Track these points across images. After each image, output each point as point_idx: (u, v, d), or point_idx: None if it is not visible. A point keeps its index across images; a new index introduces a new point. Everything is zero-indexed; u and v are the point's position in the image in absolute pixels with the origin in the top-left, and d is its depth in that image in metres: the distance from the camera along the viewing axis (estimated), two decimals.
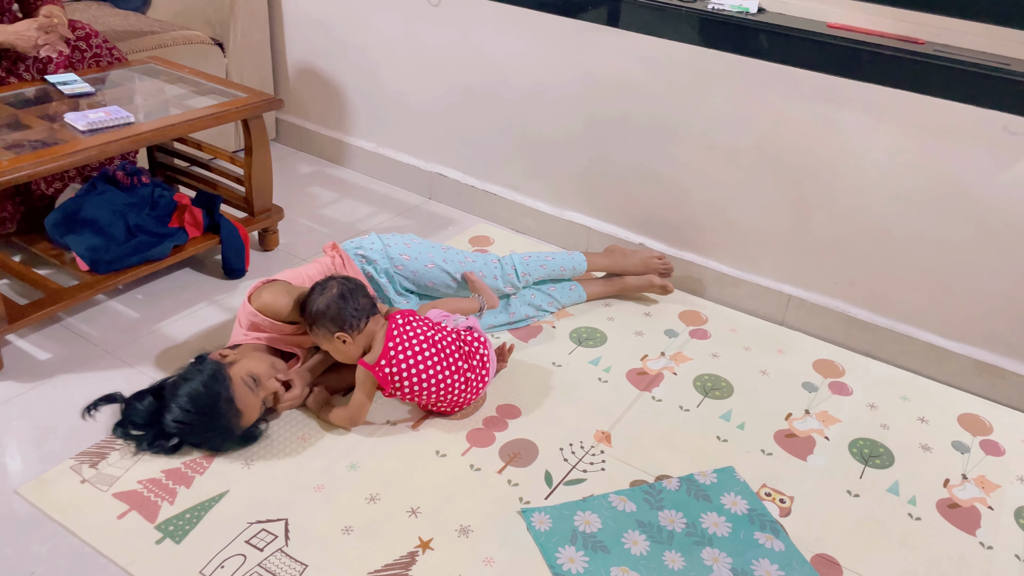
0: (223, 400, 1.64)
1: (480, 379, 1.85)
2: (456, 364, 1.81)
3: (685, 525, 1.64)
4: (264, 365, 1.75)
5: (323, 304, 1.74)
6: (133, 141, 2.05)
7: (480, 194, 2.82)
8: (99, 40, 2.43)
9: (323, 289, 1.77)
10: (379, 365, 1.75)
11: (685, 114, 2.30)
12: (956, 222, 2.03)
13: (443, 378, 1.79)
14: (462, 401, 1.85)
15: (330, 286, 1.77)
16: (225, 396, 1.64)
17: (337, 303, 1.74)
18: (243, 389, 1.67)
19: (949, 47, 1.95)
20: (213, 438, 1.69)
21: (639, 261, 2.36)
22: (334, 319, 1.74)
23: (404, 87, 2.85)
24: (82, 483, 1.63)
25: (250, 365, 1.72)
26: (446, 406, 1.85)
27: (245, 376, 1.69)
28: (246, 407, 1.68)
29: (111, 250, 2.14)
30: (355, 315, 1.75)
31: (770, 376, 2.12)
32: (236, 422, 1.67)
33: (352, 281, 1.80)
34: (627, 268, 2.36)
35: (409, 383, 1.77)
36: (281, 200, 2.73)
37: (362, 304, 1.76)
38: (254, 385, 1.69)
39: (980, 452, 1.92)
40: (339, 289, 1.76)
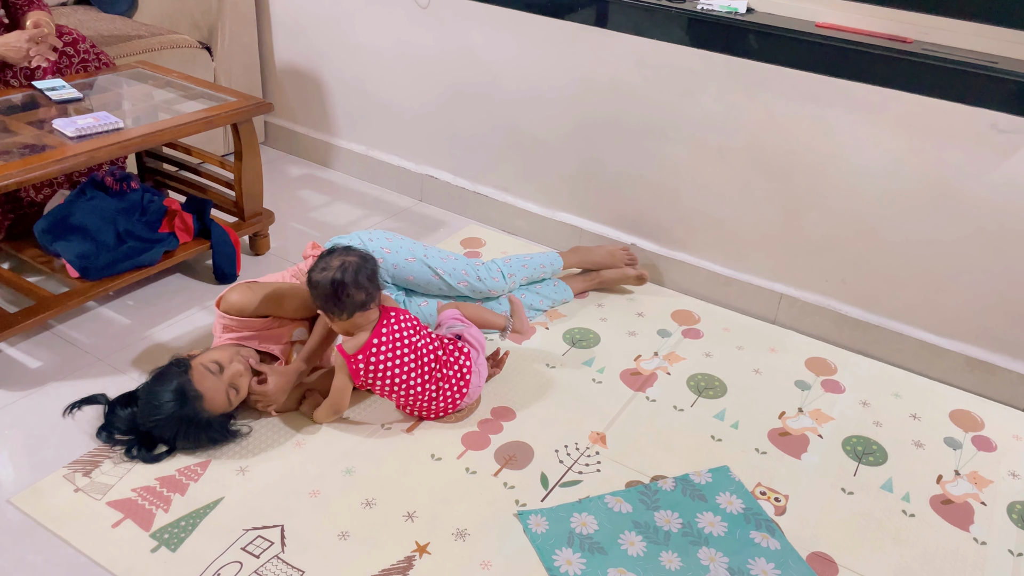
0: (182, 385, 1.66)
1: (457, 390, 1.83)
2: (430, 373, 1.80)
3: (681, 525, 1.64)
4: (227, 353, 1.76)
5: (313, 279, 1.71)
6: (122, 147, 2.04)
7: (471, 196, 2.81)
8: (86, 45, 2.41)
9: (325, 264, 1.71)
10: (355, 358, 1.73)
11: (675, 114, 2.31)
12: (946, 220, 2.04)
13: (414, 385, 1.78)
14: (433, 409, 1.84)
15: (332, 266, 1.69)
16: (184, 381, 1.67)
17: (325, 287, 1.69)
18: (201, 372, 1.69)
19: (937, 46, 1.96)
20: (184, 429, 1.68)
21: (605, 253, 2.41)
22: (320, 297, 1.71)
23: (394, 89, 2.85)
24: (76, 492, 1.62)
25: (212, 354, 1.75)
26: (415, 411, 1.85)
27: (206, 362, 1.72)
28: (207, 390, 1.69)
29: (101, 256, 2.12)
30: (339, 306, 1.69)
31: (763, 375, 2.13)
32: (199, 405, 1.67)
33: (360, 270, 1.70)
34: (595, 262, 2.40)
35: (381, 383, 1.77)
36: (271, 204, 2.72)
37: (353, 298, 1.69)
38: (216, 369, 1.71)
39: (972, 448, 1.93)
40: (333, 276, 1.68)
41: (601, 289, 2.44)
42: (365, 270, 1.71)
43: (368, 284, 1.71)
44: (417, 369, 1.78)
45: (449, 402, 1.84)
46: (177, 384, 1.67)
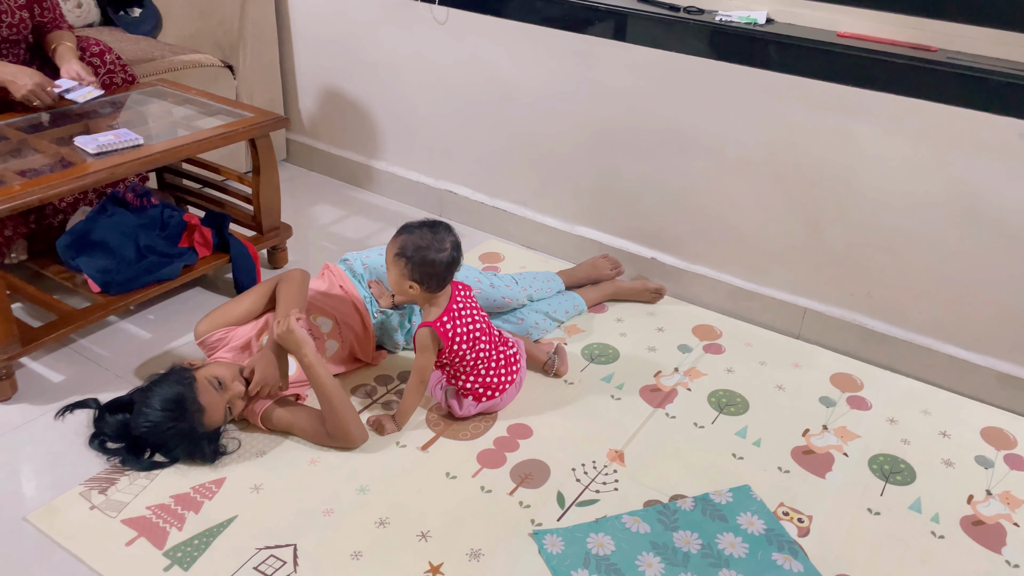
0: (187, 398, 1.68)
1: (515, 361, 1.92)
2: (494, 341, 1.89)
3: (701, 546, 1.60)
4: (229, 371, 1.78)
5: (431, 257, 1.75)
6: (142, 163, 2.05)
7: (490, 210, 2.80)
8: (112, 56, 2.44)
9: (440, 244, 1.76)
10: (440, 320, 1.80)
11: (695, 127, 2.28)
12: (974, 231, 1.99)
13: (485, 349, 1.86)
14: (498, 381, 1.89)
15: (446, 246, 1.76)
16: (189, 394, 1.69)
17: (441, 266, 1.76)
18: (206, 387, 1.72)
19: (962, 54, 1.92)
20: (179, 439, 1.70)
21: (587, 267, 2.44)
22: (426, 274, 1.76)
23: (413, 105, 2.85)
24: (91, 510, 1.62)
25: (214, 370, 1.78)
26: (482, 380, 1.87)
27: (210, 377, 1.74)
28: (209, 404, 1.71)
29: (122, 271, 2.14)
30: (440, 283, 1.79)
31: (786, 391, 2.08)
32: (200, 418, 1.70)
33: (459, 252, 1.80)
34: (580, 278, 2.41)
35: (459, 346, 1.82)
36: (290, 218, 2.73)
37: (450, 278, 1.81)
38: (218, 386, 1.73)
39: (1004, 467, 1.87)
40: (450, 256, 1.77)
41: (618, 300, 2.42)
42: (458, 251, 1.81)
43: (458, 265, 1.81)
44: (486, 335, 1.87)
45: (513, 373, 1.91)
46: (180, 394, 1.69)
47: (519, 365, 1.94)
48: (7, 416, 1.88)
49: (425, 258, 1.74)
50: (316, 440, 1.81)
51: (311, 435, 1.81)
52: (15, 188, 1.84)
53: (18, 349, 1.91)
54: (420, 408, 1.94)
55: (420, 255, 1.75)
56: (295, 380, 1.91)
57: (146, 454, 1.74)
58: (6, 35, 2.22)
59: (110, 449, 1.76)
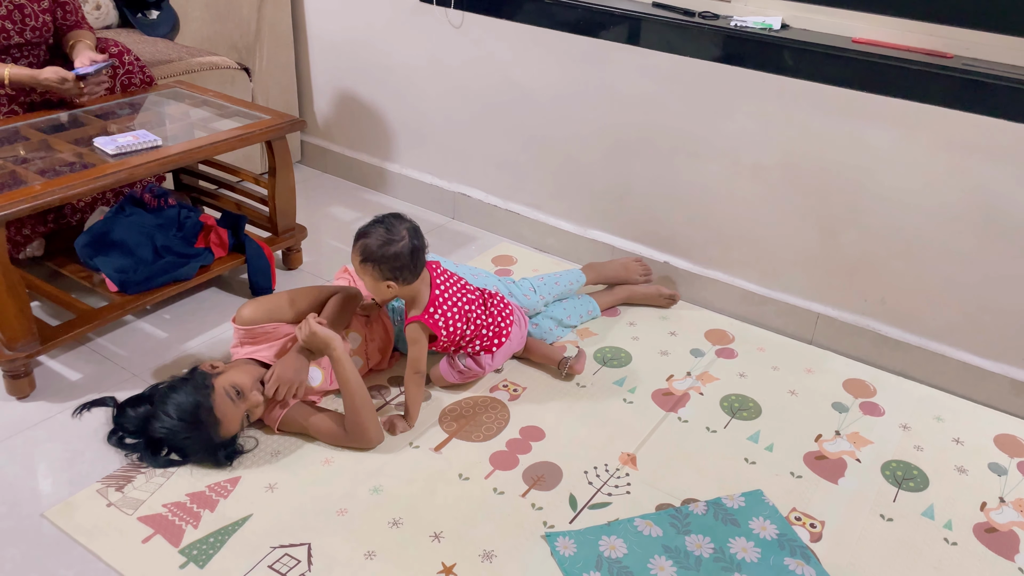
0: (203, 408, 1.69)
1: (508, 315, 2.00)
2: (483, 303, 1.98)
3: (713, 550, 1.61)
4: (249, 378, 1.78)
5: (391, 251, 1.76)
6: (160, 164, 2.07)
7: (503, 213, 2.81)
8: (131, 58, 2.47)
9: (396, 235, 1.77)
10: (428, 313, 1.83)
11: (709, 131, 2.28)
12: (989, 238, 1.99)
13: (480, 313, 1.94)
14: (498, 329, 1.97)
15: (402, 235, 1.77)
16: (205, 405, 1.69)
17: (405, 257, 1.77)
18: (223, 399, 1.71)
19: (979, 61, 1.91)
20: (195, 446, 1.72)
21: (618, 267, 2.42)
22: (395, 268, 1.78)
23: (427, 108, 2.86)
24: (108, 507, 1.64)
25: (235, 377, 1.76)
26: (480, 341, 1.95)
27: (228, 387, 1.73)
28: (225, 416, 1.71)
29: (139, 271, 2.16)
30: (412, 272, 1.80)
31: (799, 396, 2.08)
32: (215, 430, 1.70)
33: (419, 237, 1.81)
34: (608, 277, 2.40)
35: (455, 326, 1.87)
36: (305, 220, 2.75)
37: (420, 263, 1.81)
38: (236, 396, 1.73)
39: (1018, 474, 1.87)
40: (410, 244, 1.78)
41: (631, 304, 2.42)
42: (419, 238, 1.82)
43: (424, 250, 1.82)
44: (475, 303, 1.94)
45: (509, 315, 2.00)
46: (197, 404, 1.69)
47: (511, 307, 2.03)
48: (25, 413, 1.90)
49: (386, 254, 1.76)
50: (332, 440, 1.82)
51: (327, 435, 1.82)
52: (36, 188, 1.86)
53: (37, 347, 1.93)
54: (433, 409, 1.96)
55: (381, 252, 1.76)
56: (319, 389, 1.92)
57: (163, 452, 1.76)
58: (29, 38, 2.25)
59: (128, 445, 1.77)
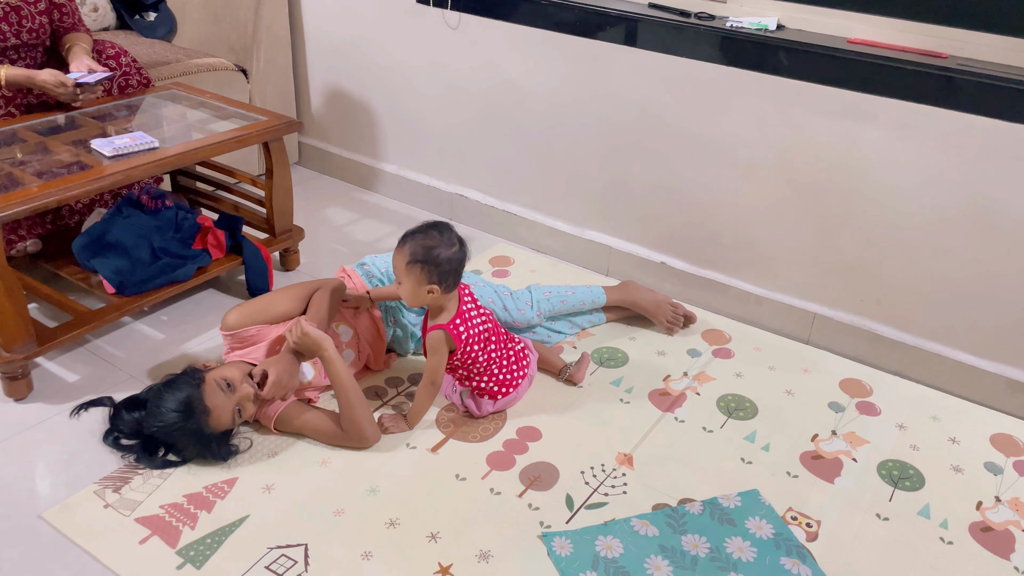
0: (194, 398, 1.69)
1: (522, 366, 1.95)
2: (502, 339, 1.94)
3: (709, 550, 1.61)
4: (239, 373, 1.78)
5: (445, 255, 1.73)
6: (157, 166, 2.08)
7: (501, 214, 2.82)
8: (128, 59, 2.47)
9: (450, 241, 1.76)
10: (453, 323, 1.81)
11: (705, 132, 2.29)
12: (984, 237, 1.99)
13: (498, 347, 1.90)
14: (511, 377, 1.92)
15: (455, 242, 1.76)
16: (196, 395, 1.70)
17: (456, 263, 1.75)
18: (214, 389, 1.72)
19: (973, 61, 1.92)
20: (188, 439, 1.72)
21: (652, 302, 2.30)
22: (443, 273, 1.74)
23: (424, 109, 2.87)
24: (105, 508, 1.64)
25: (225, 371, 1.78)
26: (495, 378, 1.91)
27: (218, 379, 1.74)
28: (216, 406, 1.71)
29: (137, 272, 2.16)
30: (455, 281, 1.79)
31: (795, 396, 2.08)
32: (205, 420, 1.70)
33: (466, 245, 1.80)
34: (638, 305, 2.30)
35: (473, 342, 1.84)
36: (303, 221, 2.75)
37: (461, 275, 1.80)
38: (226, 388, 1.73)
39: (1014, 473, 1.87)
40: (461, 252, 1.76)
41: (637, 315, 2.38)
42: (465, 249, 1.80)
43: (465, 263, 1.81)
44: (495, 334, 1.91)
45: (524, 368, 1.95)
46: (188, 395, 1.70)
47: (529, 359, 1.98)
48: (23, 415, 1.91)
49: (439, 257, 1.72)
50: (329, 440, 1.83)
51: (324, 435, 1.82)
52: (33, 190, 1.87)
53: (34, 349, 1.93)
54: (431, 410, 1.96)
55: (434, 256, 1.72)
56: (311, 385, 1.92)
57: (160, 452, 1.76)
58: (26, 40, 2.26)
59: (124, 446, 1.78)
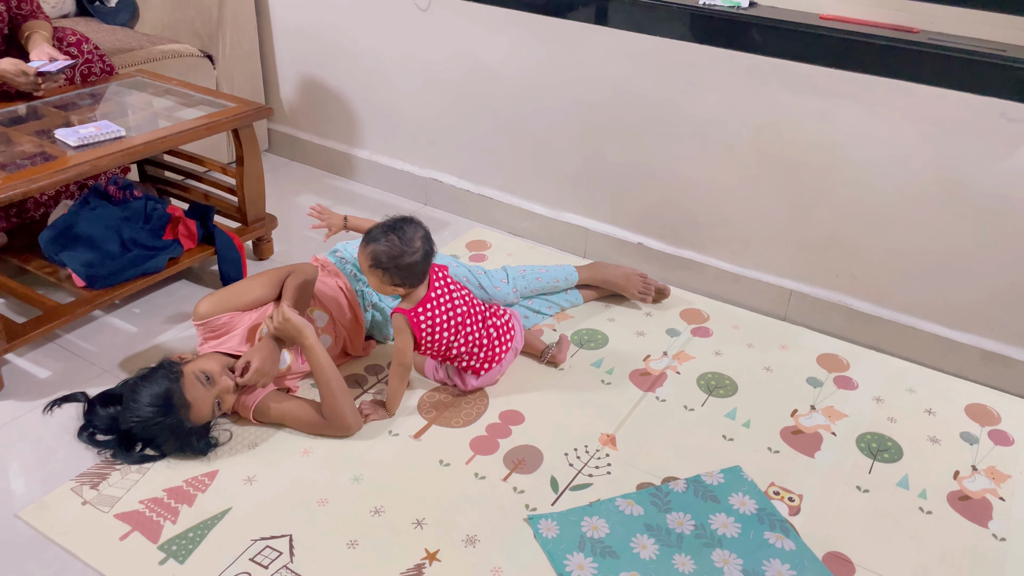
0: (173, 393, 1.66)
1: (506, 339, 1.93)
2: (481, 317, 1.91)
3: (694, 527, 1.62)
4: (217, 365, 1.76)
5: (405, 263, 1.73)
6: (125, 155, 2.03)
7: (475, 198, 2.80)
8: (90, 47, 2.41)
9: (411, 245, 1.73)
10: (415, 311, 1.79)
11: (679, 111, 2.29)
12: (957, 211, 2.02)
13: (475, 328, 1.88)
14: (493, 354, 1.91)
15: (416, 247, 1.74)
16: (175, 388, 1.67)
17: (419, 267, 1.75)
18: (193, 382, 1.69)
19: (944, 35, 1.93)
20: (167, 434, 1.69)
21: (621, 275, 2.32)
22: (405, 277, 1.75)
23: (395, 93, 2.83)
24: (83, 505, 1.61)
25: (203, 364, 1.75)
26: (468, 362, 1.91)
27: (197, 372, 1.71)
28: (196, 400, 1.69)
29: (107, 265, 2.12)
30: (421, 278, 1.79)
31: (774, 372, 2.10)
32: (185, 414, 1.68)
33: (431, 243, 1.78)
34: (608, 281, 2.32)
35: (440, 332, 1.82)
36: (275, 209, 2.71)
37: (428, 267, 1.80)
38: (205, 380, 1.71)
39: (989, 442, 1.90)
40: (423, 252, 1.75)
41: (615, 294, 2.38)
42: (430, 243, 1.79)
43: (432, 255, 1.80)
44: (471, 316, 1.88)
45: (508, 341, 1.94)
46: (167, 389, 1.67)
47: (514, 332, 1.97)
48: None
49: (400, 264, 1.73)
50: (310, 429, 1.81)
51: (305, 424, 1.81)
52: None
53: (3, 345, 1.89)
54: (412, 395, 1.95)
55: (395, 263, 1.72)
56: (288, 373, 1.90)
57: (137, 447, 1.73)
58: None
59: (100, 441, 1.75)
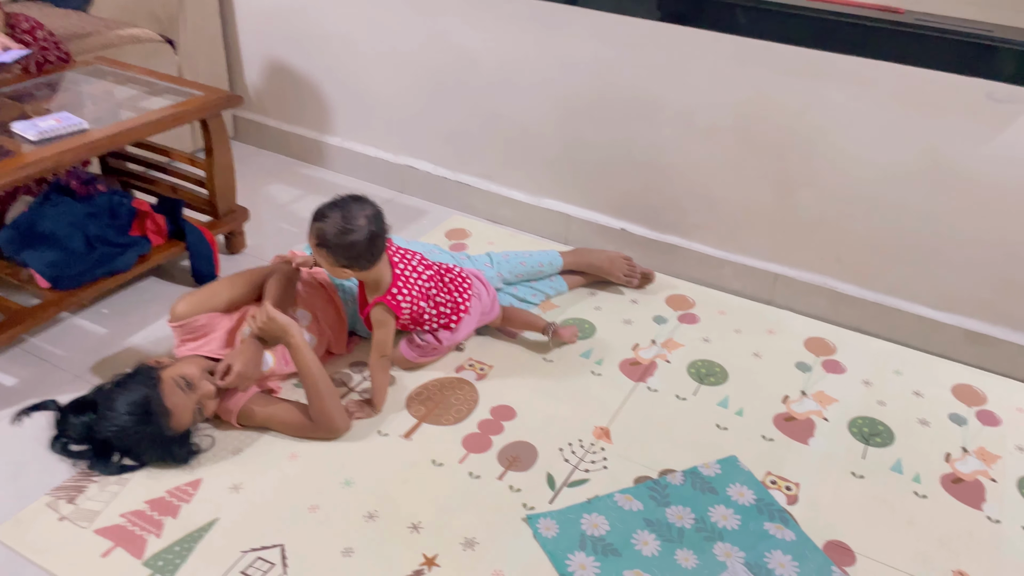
0: (152, 400, 1.59)
1: (466, 288, 1.96)
2: (443, 279, 1.94)
3: (694, 520, 1.60)
4: (198, 369, 1.69)
5: (347, 241, 1.68)
6: (89, 148, 1.94)
7: (453, 185, 2.73)
8: (44, 33, 2.29)
9: (353, 223, 1.69)
10: (390, 294, 1.79)
11: (661, 94, 2.24)
12: (942, 192, 2.01)
13: (440, 291, 1.92)
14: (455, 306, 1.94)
15: (359, 225, 1.69)
16: (153, 396, 1.60)
17: (361, 246, 1.70)
18: (172, 387, 1.62)
19: (930, 15, 1.91)
20: (147, 443, 1.62)
21: (605, 259, 2.30)
22: (350, 257, 1.71)
23: (368, 77, 2.75)
24: (60, 520, 1.54)
25: (182, 368, 1.68)
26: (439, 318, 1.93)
27: (176, 377, 1.64)
28: (175, 407, 1.62)
29: (72, 264, 2.03)
30: (369, 260, 1.73)
31: (763, 358, 2.09)
32: (166, 422, 1.60)
33: (379, 223, 1.73)
34: (593, 265, 2.30)
35: (417, 306, 1.84)
36: (245, 201, 2.61)
37: (379, 250, 1.74)
38: (185, 386, 1.64)
39: (977, 423, 1.91)
40: (367, 232, 1.69)
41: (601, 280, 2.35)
42: (382, 214, 1.75)
43: (384, 235, 1.75)
44: (433, 280, 1.90)
45: (466, 290, 1.96)
46: (144, 396, 1.59)
47: (469, 280, 1.98)
48: None
49: (342, 243, 1.68)
50: (296, 432, 1.75)
51: (291, 426, 1.74)
52: None
53: None
54: (398, 393, 1.90)
55: (338, 241, 1.68)
56: (271, 374, 1.83)
57: (114, 457, 1.66)
58: None
59: (75, 452, 1.67)
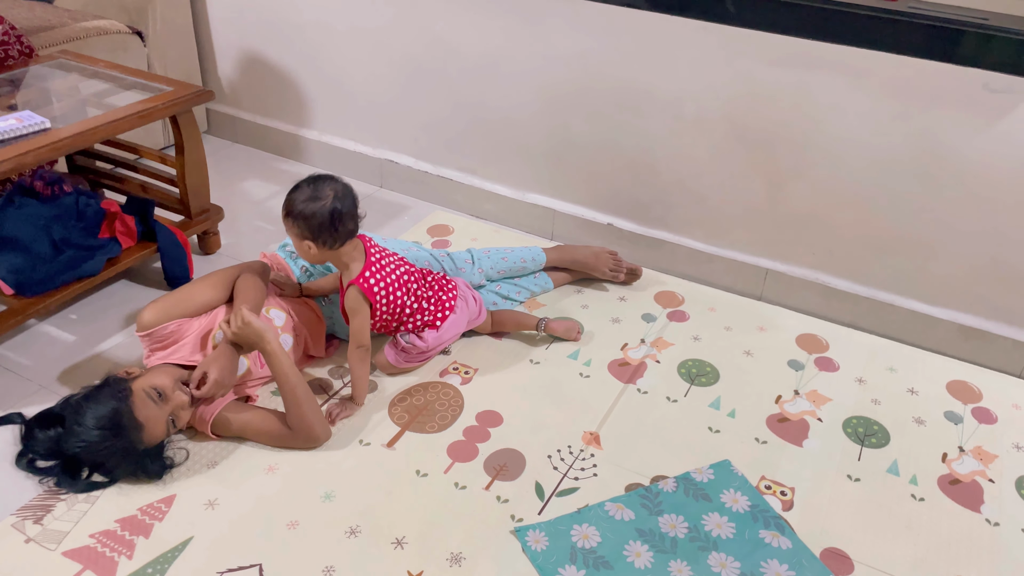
0: (122, 413, 1.52)
1: (449, 288, 1.92)
2: (423, 278, 1.91)
3: (687, 529, 1.55)
4: (169, 379, 1.61)
5: (310, 209, 1.66)
6: (52, 149, 1.85)
7: (435, 180, 2.66)
8: (5, 27, 2.20)
9: (319, 193, 1.67)
10: (363, 276, 1.74)
11: (649, 85, 2.18)
12: (936, 185, 1.96)
13: (420, 285, 1.88)
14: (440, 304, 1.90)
15: (326, 195, 1.67)
16: (125, 409, 1.53)
17: (323, 216, 1.66)
18: (143, 400, 1.56)
19: (924, 4, 1.86)
20: (118, 458, 1.55)
21: (590, 254, 2.25)
22: (311, 228, 1.68)
23: (345, 69, 2.66)
24: (27, 543, 1.46)
25: (153, 379, 1.60)
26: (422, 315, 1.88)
27: (148, 388, 1.57)
28: (147, 419, 1.55)
29: (38, 269, 1.95)
30: (331, 236, 1.69)
31: (755, 356, 2.04)
32: (137, 436, 1.54)
33: (352, 196, 1.71)
34: (578, 261, 2.24)
35: (392, 289, 1.79)
36: (219, 198, 2.54)
37: (343, 229, 1.69)
38: (157, 398, 1.57)
39: (973, 421, 1.88)
40: (333, 206, 1.67)
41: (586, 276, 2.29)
42: (354, 197, 1.72)
43: (353, 214, 1.72)
44: (412, 275, 1.86)
45: (452, 290, 1.92)
46: (114, 410, 1.52)
47: (454, 283, 1.95)
48: None
49: (305, 211, 1.66)
50: (274, 441, 1.68)
51: (269, 436, 1.68)
52: None
53: None
54: (380, 399, 1.83)
55: (300, 209, 1.66)
56: (246, 380, 1.76)
57: (83, 473, 1.58)
58: None
59: (41, 468, 1.59)
